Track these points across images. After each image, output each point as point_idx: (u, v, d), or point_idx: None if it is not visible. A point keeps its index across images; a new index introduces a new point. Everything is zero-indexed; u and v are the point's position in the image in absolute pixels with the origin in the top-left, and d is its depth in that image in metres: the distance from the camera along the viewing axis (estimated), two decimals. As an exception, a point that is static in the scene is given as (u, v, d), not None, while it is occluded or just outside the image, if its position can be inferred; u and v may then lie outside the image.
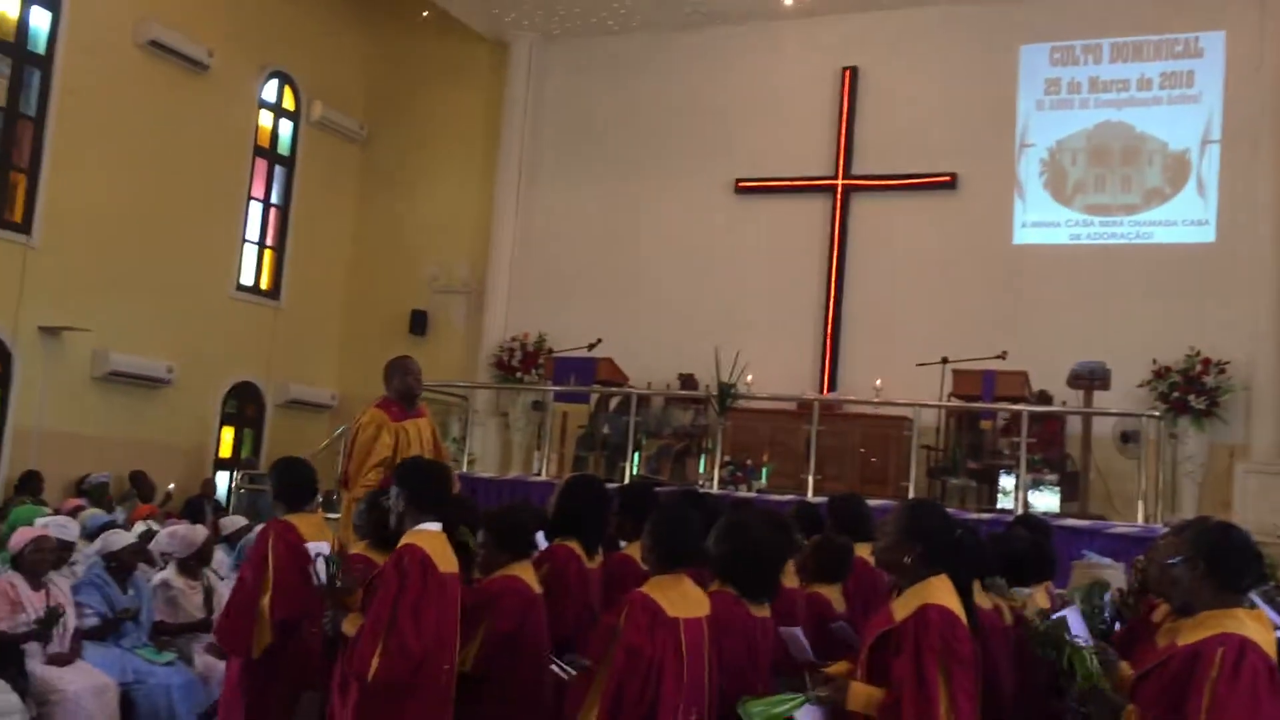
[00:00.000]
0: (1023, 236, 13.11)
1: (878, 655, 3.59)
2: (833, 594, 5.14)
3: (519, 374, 14.23)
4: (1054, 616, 3.95)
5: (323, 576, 4.37)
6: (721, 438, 9.98)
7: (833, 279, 13.59)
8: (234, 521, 9.01)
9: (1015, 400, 10.00)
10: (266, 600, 5.14)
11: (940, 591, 3.54)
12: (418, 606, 4.08)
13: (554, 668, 4.19)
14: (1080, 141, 13.05)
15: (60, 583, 6.43)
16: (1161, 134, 12.71)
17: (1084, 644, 3.73)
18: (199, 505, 12.47)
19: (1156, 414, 10.44)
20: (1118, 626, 4.70)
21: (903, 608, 3.57)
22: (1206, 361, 11.71)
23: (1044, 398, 10.68)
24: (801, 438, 10.28)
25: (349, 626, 4.27)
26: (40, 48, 12.16)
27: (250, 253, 14.89)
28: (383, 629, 4.05)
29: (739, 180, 14.15)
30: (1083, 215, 12.92)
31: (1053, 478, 9.86)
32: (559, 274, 14.75)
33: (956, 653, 3.41)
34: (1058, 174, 13.10)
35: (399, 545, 4.24)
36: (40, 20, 12.17)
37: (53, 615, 6.07)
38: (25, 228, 11.92)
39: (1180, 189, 12.56)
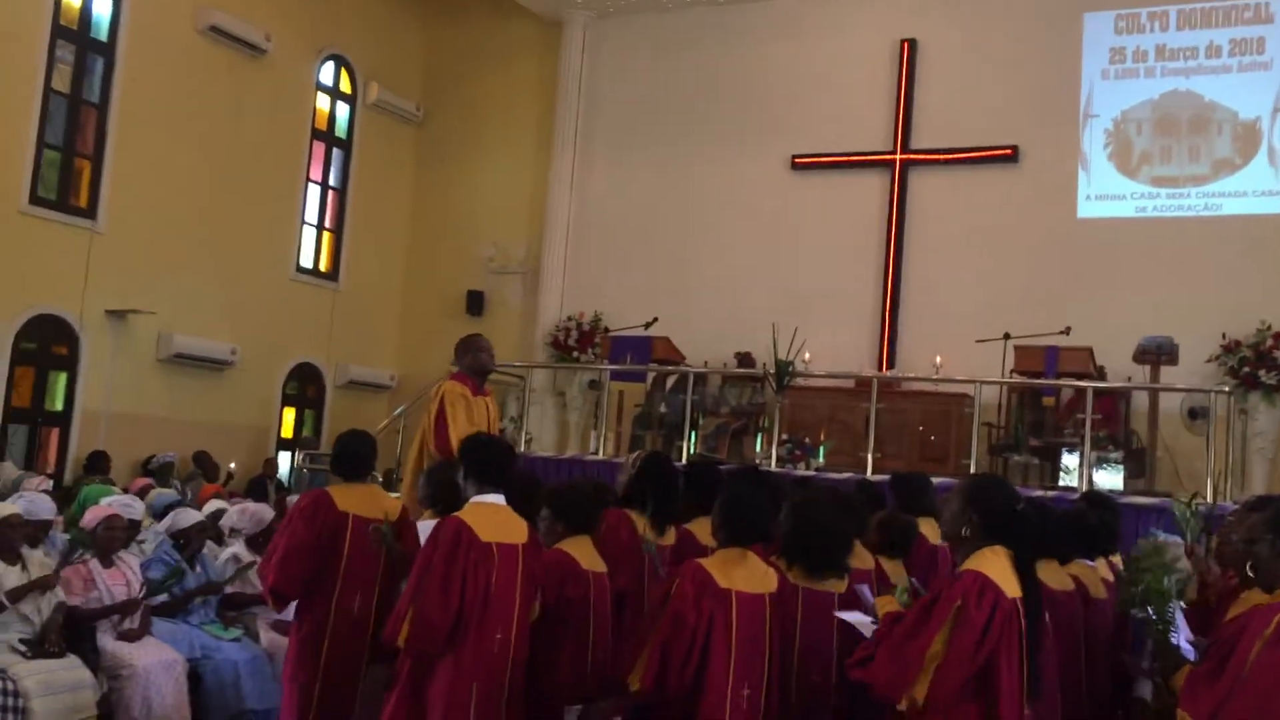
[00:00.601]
0: (1087, 210, 12.85)
1: None
2: (896, 569, 5.11)
3: (575, 353, 14.24)
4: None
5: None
6: (779, 416, 9.92)
7: (891, 255, 13.42)
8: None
9: (1079, 376, 9.84)
10: (269, 565, 5.21)
11: (987, 561, 3.52)
12: (445, 578, 4.11)
13: None
14: (1146, 111, 12.74)
15: (129, 560, 6.55)
16: (1231, 102, 12.37)
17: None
18: (262, 484, 12.67)
19: (1226, 389, 10.19)
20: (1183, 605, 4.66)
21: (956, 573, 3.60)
22: (1278, 335, 11.41)
23: (1104, 375, 10.48)
24: (860, 415, 10.18)
25: None
26: (103, 35, 12.35)
27: (309, 235, 15.05)
28: (410, 598, 4.12)
29: (795, 156, 14.01)
30: (1149, 187, 12.63)
31: (1117, 455, 9.69)
32: (615, 253, 14.73)
33: (970, 619, 3.37)
34: (1123, 145, 12.81)
35: (444, 518, 4.30)
36: (102, 8, 12.36)
37: (166, 581, 6.27)
38: (91, 213, 12.14)
39: (1250, 159, 12.22)
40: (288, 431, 14.61)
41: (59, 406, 12.00)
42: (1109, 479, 9.55)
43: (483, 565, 4.18)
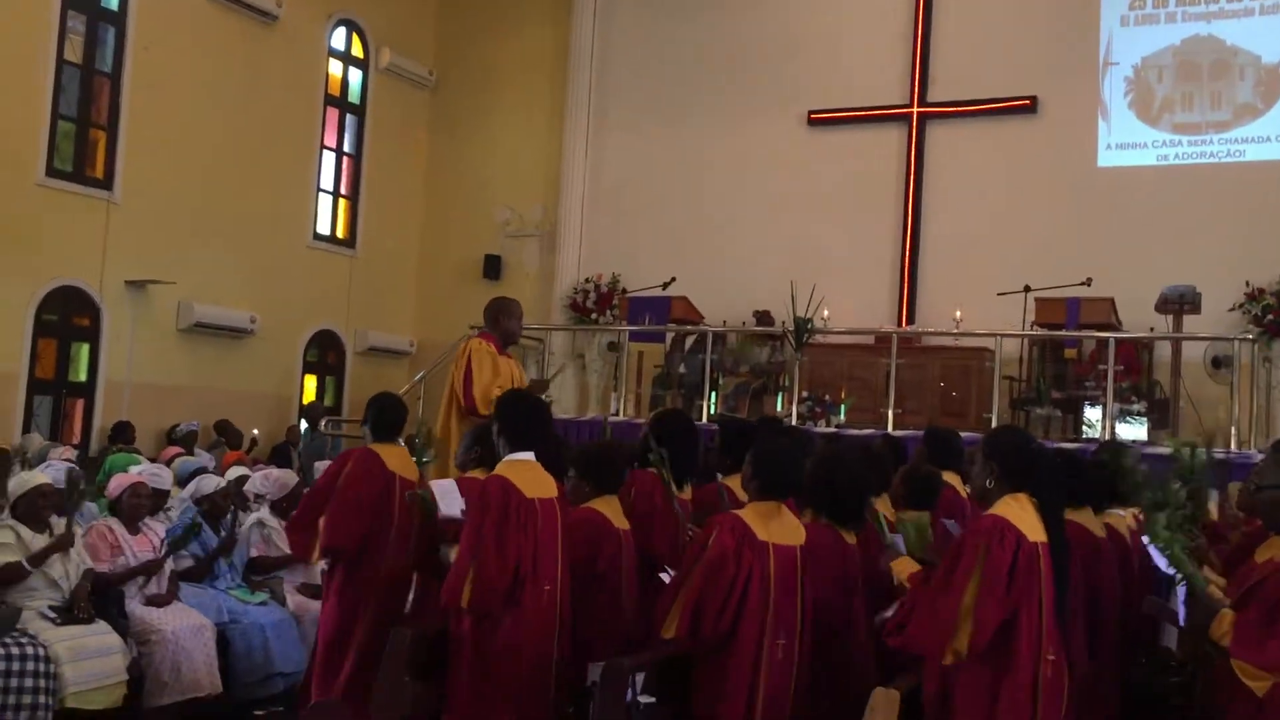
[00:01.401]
0: (1107, 159, 12.70)
1: None
2: (922, 523, 5.10)
3: (594, 315, 14.23)
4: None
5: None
6: (799, 373, 9.90)
7: (909, 209, 13.32)
8: (322, 467, 9.17)
9: (1101, 328, 9.77)
10: (322, 523, 5.25)
11: (1007, 507, 3.56)
12: (500, 538, 4.16)
13: (663, 575, 4.28)
14: (1167, 58, 12.55)
15: (156, 527, 6.61)
16: (1253, 46, 12.16)
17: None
18: (285, 451, 12.74)
19: (1249, 337, 10.09)
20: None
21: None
22: (1302, 283, 11.30)
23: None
24: (880, 371, 10.15)
25: (453, 557, 4.38)
26: (114, 4, 12.30)
27: (325, 202, 15.04)
28: (469, 559, 4.14)
29: (811, 112, 13.88)
30: (1170, 135, 12.47)
31: (1140, 405, 9.63)
32: (631, 213, 14.67)
33: (995, 557, 3.42)
34: (1144, 93, 12.63)
35: (485, 477, 4.33)
36: (112, -23, 12.31)
37: (183, 538, 6.37)
38: (107, 184, 12.15)
39: (1273, 104, 12.03)
40: (309, 398, 14.68)
41: (83, 377, 12.09)
42: (1132, 430, 9.51)
43: (530, 521, 4.26)
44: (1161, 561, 3.93)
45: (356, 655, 5.27)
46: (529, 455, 4.45)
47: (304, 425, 13.46)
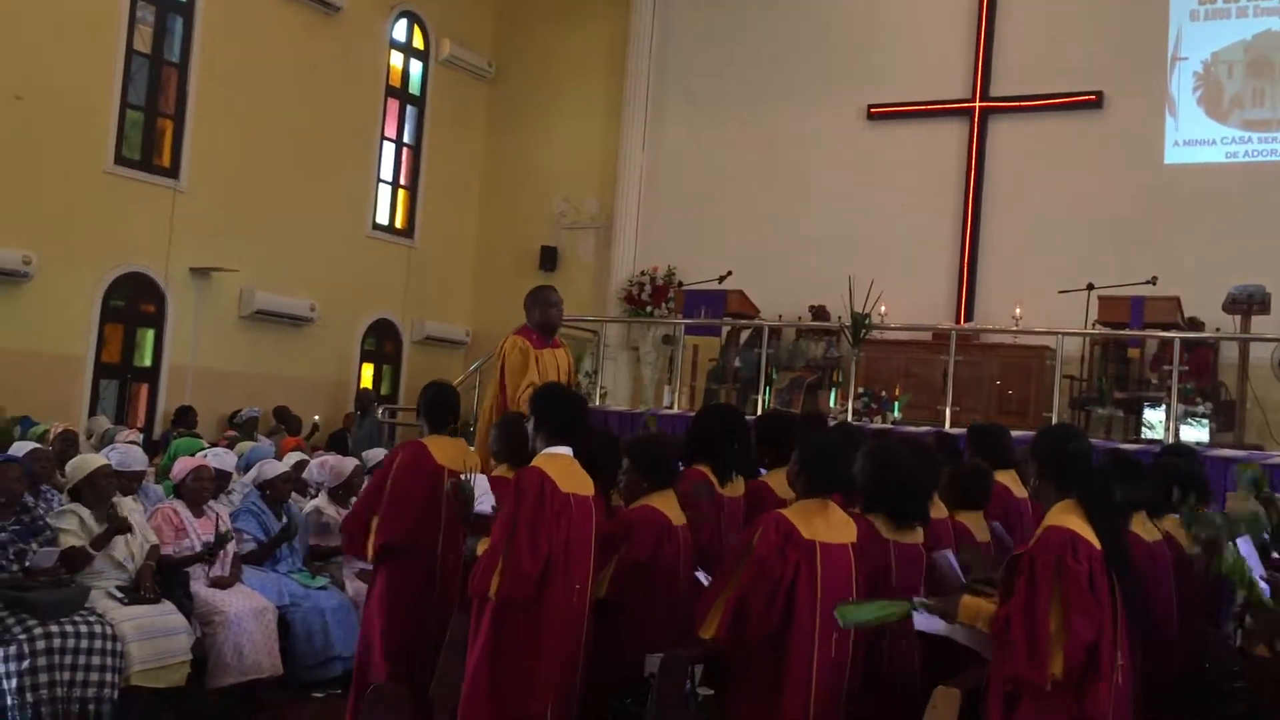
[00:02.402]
0: (1174, 156, 12.46)
1: (1008, 580, 3.55)
2: (974, 521, 5.03)
3: (649, 308, 14.24)
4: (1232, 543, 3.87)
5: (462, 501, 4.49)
6: (855, 369, 9.84)
7: (969, 205, 13.17)
8: (376, 454, 9.27)
9: (1166, 327, 9.59)
10: (376, 520, 5.28)
11: (1065, 514, 3.49)
12: (533, 527, 4.13)
13: (698, 575, 4.25)
14: (1238, 53, 12.29)
15: (220, 510, 6.73)
16: (1328, 42, 11.89)
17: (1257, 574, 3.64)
18: (343, 438, 12.90)
19: (1320, 339, 9.87)
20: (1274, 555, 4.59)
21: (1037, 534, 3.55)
22: (1375, 283, 11.01)
23: (1194, 325, 10.21)
24: (937, 369, 10.06)
25: (482, 548, 4.37)
26: (181, -5, 12.52)
27: (384, 192, 15.18)
28: (501, 549, 4.13)
29: (871, 106, 13.77)
30: (1240, 131, 12.21)
31: (1205, 407, 9.44)
32: (688, 206, 14.64)
33: (1072, 572, 3.35)
34: (1213, 88, 12.38)
35: (523, 469, 4.32)
36: (180, -32, 12.51)
37: (223, 539, 6.38)
38: (174, 172, 12.37)
39: (1348, 101, 11.76)
40: (366, 386, 14.84)
41: (148, 362, 12.32)
42: (1194, 433, 9.33)
43: (564, 516, 4.22)
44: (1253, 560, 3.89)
45: (403, 645, 5.29)
46: (567, 450, 4.41)
47: (357, 412, 13.59)
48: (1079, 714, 3.35)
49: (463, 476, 4.80)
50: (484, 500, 4.68)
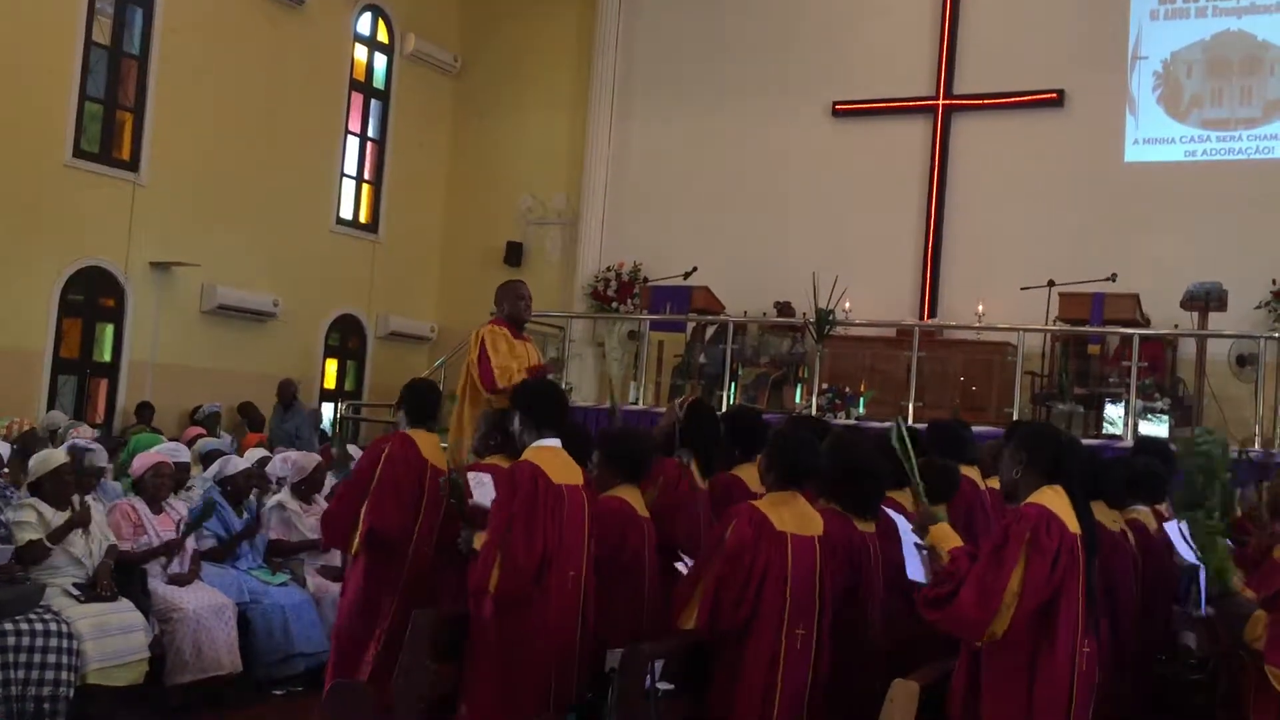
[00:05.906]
0: (1134, 154, 12.60)
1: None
2: (940, 514, 5.07)
3: (615, 303, 14.23)
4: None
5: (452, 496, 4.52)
6: (819, 365, 9.88)
7: (933, 202, 13.25)
8: (290, 452, 9.14)
9: (1125, 324, 9.70)
10: (364, 508, 5.26)
11: (1047, 497, 3.55)
12: (529, 521, 4.19)
13: (679, 565, 4.28)
14: (1197, 53, 12.44)
15: (178, 506, 6.66)
16: (1285, 42, 12.05)
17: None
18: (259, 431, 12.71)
19: (1276, 335, 9.98)
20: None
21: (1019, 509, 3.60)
22: (1330, 281, 11.19)
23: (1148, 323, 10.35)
24: (901, 364, 10.14)
25: (478, 543, 4.40)
26: (141, -13, 12.36)
27: (349, 187, 15.07)
28: (498, 544, 4.16)
29: (836, 103, 13.82)
30: (1199, 130, 12.36)
31: (1163, 403, 9.57)
32: (654, 202, 14.64)
33: (1041, 545, 3.40)
34: (1173, 88, 12.52)
35: (513, 463, 4.35)
36: (140, -41, 12.36)
37: (207, 508, 6.36)
38: (133, 166, 12.21)
39: (1305, 101, 11.92)
40: (330, 383, 14.74)
41: (107, 358, 12.17)
42: (1154, 428, 9.45)
43: (557, 507, 4.28)
44: (1182, 547, 3.92)
45: (382, 641, 5.26)
46: (555, 442, 4.45)
47: (278, 404, 12.76)
48: (1034, 689, 3.39)
49: (450, 473, 4.84)
50: (486, 495, 4.65)
